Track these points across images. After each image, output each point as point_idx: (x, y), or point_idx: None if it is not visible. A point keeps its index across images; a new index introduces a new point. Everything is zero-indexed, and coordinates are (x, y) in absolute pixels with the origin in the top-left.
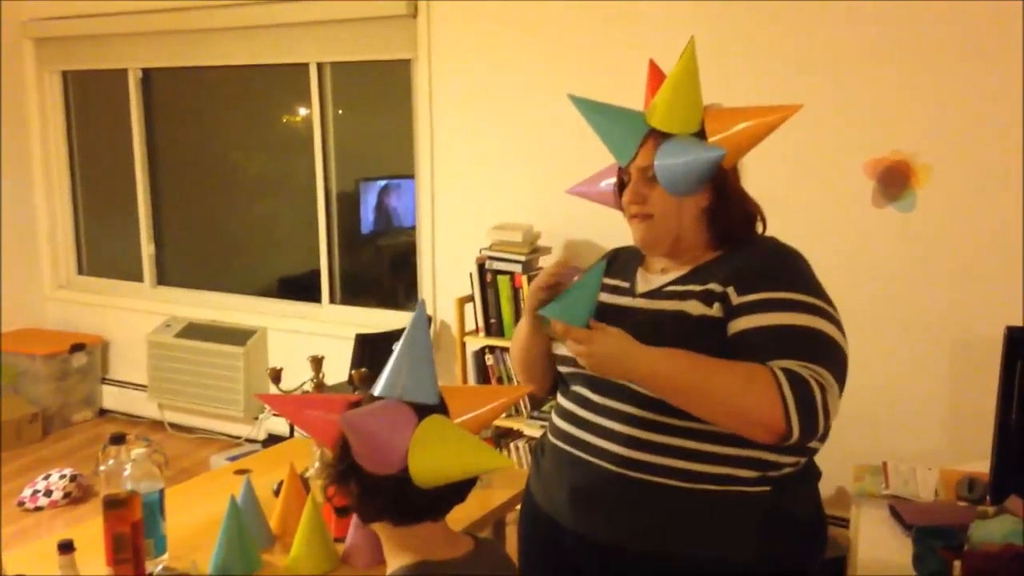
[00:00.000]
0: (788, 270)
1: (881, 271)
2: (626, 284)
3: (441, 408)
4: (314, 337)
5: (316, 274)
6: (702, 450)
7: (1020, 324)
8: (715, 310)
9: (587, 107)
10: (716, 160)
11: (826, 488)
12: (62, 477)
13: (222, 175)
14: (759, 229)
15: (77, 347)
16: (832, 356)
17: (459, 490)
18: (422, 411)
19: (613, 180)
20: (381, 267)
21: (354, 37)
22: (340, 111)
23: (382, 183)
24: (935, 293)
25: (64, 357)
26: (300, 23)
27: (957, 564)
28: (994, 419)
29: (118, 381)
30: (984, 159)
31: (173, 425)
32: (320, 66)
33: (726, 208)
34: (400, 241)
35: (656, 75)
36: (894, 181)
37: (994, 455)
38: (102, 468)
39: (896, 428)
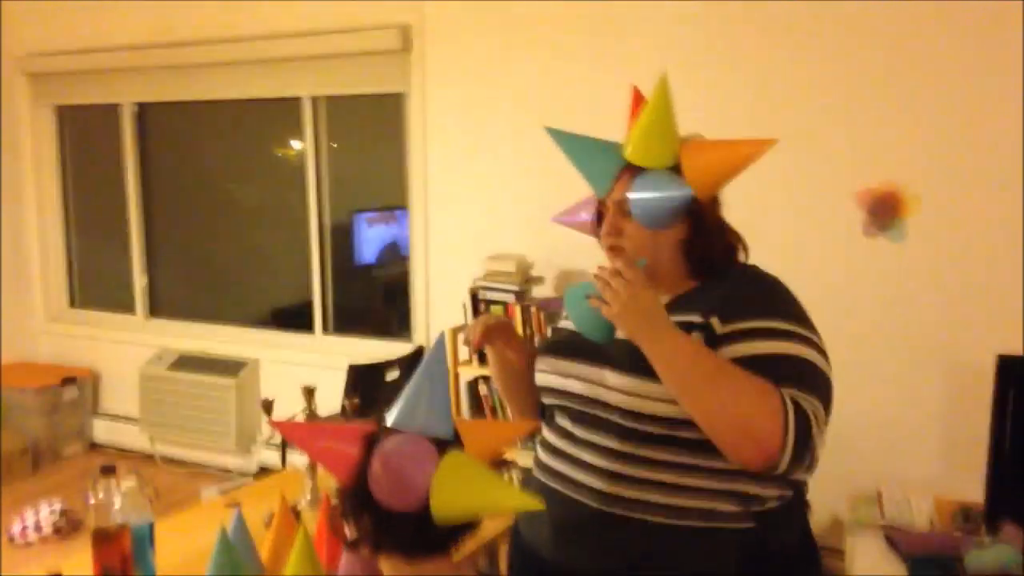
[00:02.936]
0: (773, 298)
1: (873, 300)
2: None
3: (457, 442)
4: (307, 367)
5: (309, 305)
6: (684, 484)
7: (1012, 352)
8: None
9: (563, 139)
10: (684, 199)
11: (820, 517)
12: (52, 511)
13: (215, 208)
14: (741, 258)
15: (68, 380)
16: (822, 387)
17: (473, 525)
18: (440, 446)
19: (593, 210)
20: (375, 297)
21: (347, 71)
22: (334, 144)
23: (376, 215)
24: (928, 321)
25: (55, 390)
26: (293, 58)
27: None
28: (987, 447)
29: (109, 414)
30: (974, 188)
31: (164, 458)
32: (314, 100)
33: (704, 241)
34: (394, 272)
35: (640, 102)
36: (884, 210)
37: (988, 483)
38: (92, 501)
39: (890, 456)
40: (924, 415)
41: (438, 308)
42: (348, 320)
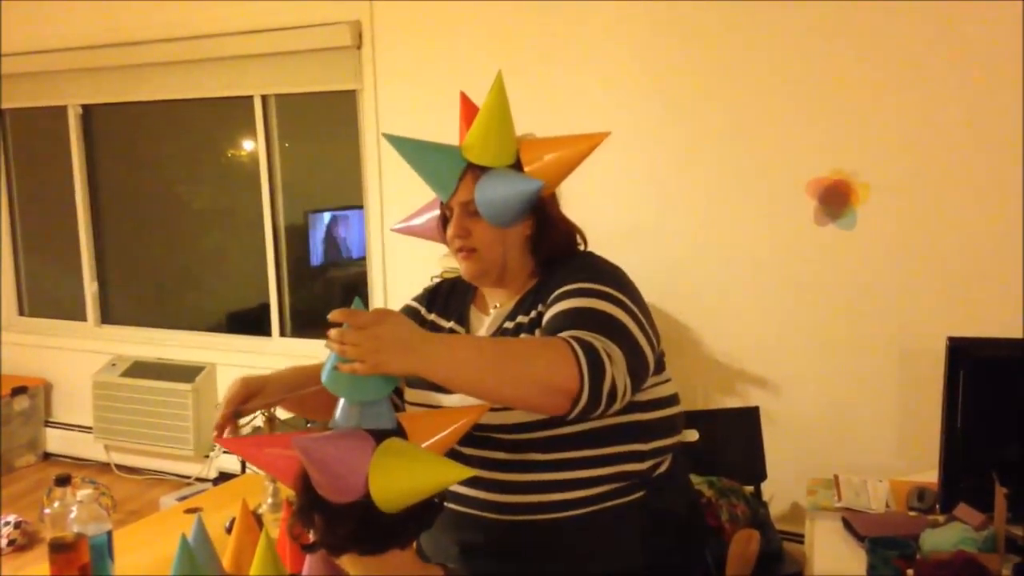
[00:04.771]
0: (595, 269)
1: (827, 288)
2: (461, 328)
3: (399, 433)
4: (265, 371)
5: (266, 307)
6: (577, 477)
7: (961, 335)
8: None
9: (403, 145)
10: (535, 191)
11: (781, 504)
12: (6, 524)
13: (167, 210)
14: (581, 248)
15: (19, 390)
16: (624, 337)
17: (424, 515)
18: (379, 436)
19: (436, 214)
20: (332, 299)
21: (299, 69)
22: (286, 144)
23: (331, 214)
24: (879, 307)
25: (5, 401)
26: (243, 56)
27: (910, 573)
28: (940, 428)
29: (63, 424)
30: (923, 175)
31: (120, 467)
32: (265, 98)
33: (549, 234)
34: (351, 272)
35: (468, 107)
36: (835, 200)
37: (941, 464)
38: (47, 511)
39: (847, 442)
40: (879, 400)
41: (396, 307)
42: (306, 322)
